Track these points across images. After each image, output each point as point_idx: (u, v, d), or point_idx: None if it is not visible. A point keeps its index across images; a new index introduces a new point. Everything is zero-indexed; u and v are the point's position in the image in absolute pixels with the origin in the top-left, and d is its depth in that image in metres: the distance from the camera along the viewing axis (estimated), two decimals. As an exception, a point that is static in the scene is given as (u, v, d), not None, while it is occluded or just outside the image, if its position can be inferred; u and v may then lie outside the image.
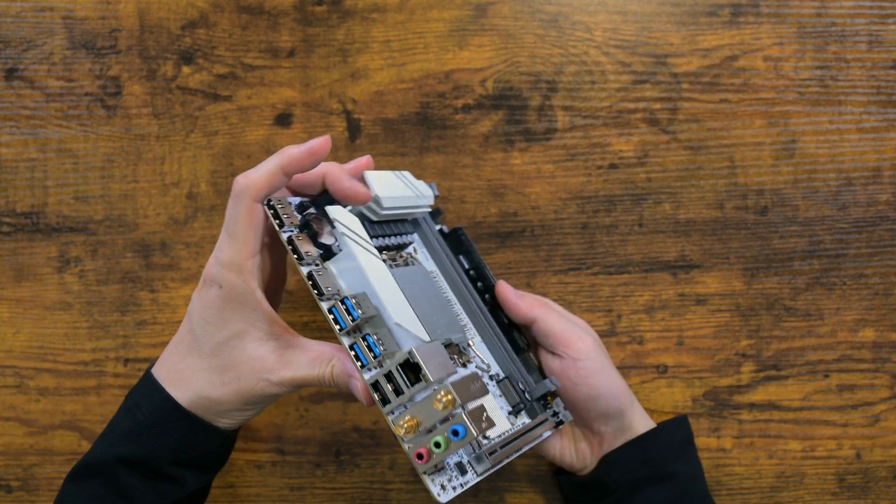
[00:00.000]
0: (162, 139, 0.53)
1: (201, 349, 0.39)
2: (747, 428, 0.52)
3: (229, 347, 0.39)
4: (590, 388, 0.44)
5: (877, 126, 0.52)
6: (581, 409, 0.45)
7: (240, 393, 0.39)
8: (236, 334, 0.38)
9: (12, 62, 0.53)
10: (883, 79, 0.52)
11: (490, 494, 0.52)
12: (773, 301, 0.52)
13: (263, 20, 0.53)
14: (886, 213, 0.52)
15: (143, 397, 0.41)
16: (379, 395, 0.36)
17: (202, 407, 0.40)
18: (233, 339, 0.39)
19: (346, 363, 0.38)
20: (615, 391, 0.45)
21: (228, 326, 0.38)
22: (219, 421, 0.41)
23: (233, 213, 0.37)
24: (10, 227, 0.53)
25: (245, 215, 0.37)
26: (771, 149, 0.52)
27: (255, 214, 0.37)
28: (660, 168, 0.52)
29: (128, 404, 0.42)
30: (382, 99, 0.53)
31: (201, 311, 0.39)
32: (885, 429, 0.52)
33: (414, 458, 0.35)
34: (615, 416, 0.45)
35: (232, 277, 0.37)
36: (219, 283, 0.38)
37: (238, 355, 0.39)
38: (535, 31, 0.52)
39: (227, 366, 0.39)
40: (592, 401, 0.44)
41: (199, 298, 0.39)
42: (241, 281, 0.37)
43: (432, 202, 0.45)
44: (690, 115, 0.52)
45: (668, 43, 0.52)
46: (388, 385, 0.35)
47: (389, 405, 0.35)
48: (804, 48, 0.52)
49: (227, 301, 0.38)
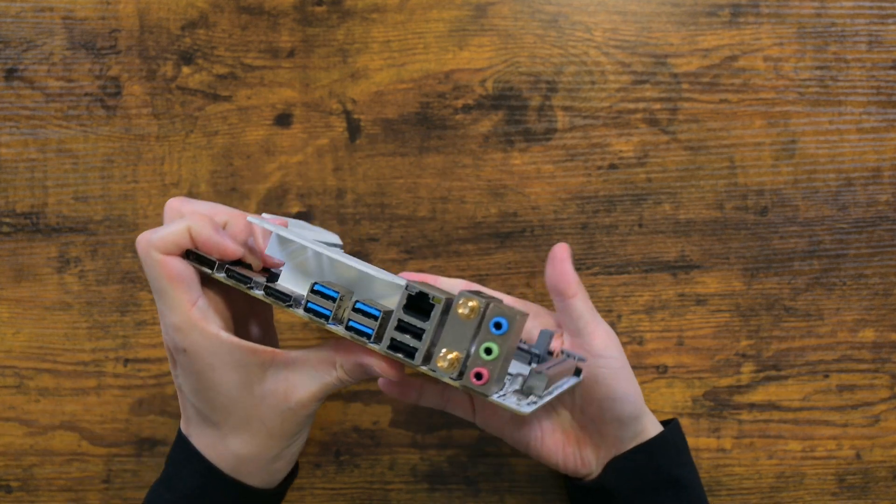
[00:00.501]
0: (162, 139, 0.53)
1: (212, 419, 0.37)
2: (747, 428, 0.52)
3: (235, 402, 0.36)
4: (609, 389, 0.41)
5: (877, 126, 0.52)
6: (595, 411, 0.42)
7: (273, 436, 0.37)
8: (234, 386, 0.36)
9: (12, 62, 0.53)
10: (883, 79, 0.52)
11: (490, 494, 0.52)
12: (773, 301, 0.52)
13: (263, 20, 0.53)
14: (886, 213, 0.52)
15: (181, 466, 0.38)
16: (402, 352, 0.32)
17: (247, 471, 0.37)
18: (233, 392, 0.36)
19: (350, 354, 0.36)
20: (633, 395, 0.42)
21: (223, 383, 0.35)
22: (272, 470, 0.38)
23: (150, 274, 0.35)
24: (9, 227, 0.53)
25: (159, 270, 0.35)
26: (771, 149, 0.52)
27: (169, 266, 0.35)
28: (660, 168, 0.52)
29: (167, 473, 0.39)
30: (382, 99, 0.53)
31: (189, 385, 0.36)
32: (885, 429, 0.52)
33: (473, 382, 0.31)
34: (630, 421, 0.42)
35: (189, 336, 0.35)
36: (182, 347, 0.35)
37: (248, 404, 0.36)
38: (535, 31, 0.52)
39: (245, 419, 0.36)
40: (609, 402, 0.41)
41: (180, 374, 0.37)
42: (200, 334, 0.35)
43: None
44: (690, 116, 0.52)
45: (668, 43, 0.52)
46: (405, 336, 0.32)
47: (418, 354, 0.32)
48: (804, 48, 0.52)
49: (203, 361, 0.35)
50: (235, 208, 0.40)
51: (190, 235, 0.35)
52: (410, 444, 0.53)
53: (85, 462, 0.52)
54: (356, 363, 0.36)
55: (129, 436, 0.52)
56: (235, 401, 0.36)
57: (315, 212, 0.53)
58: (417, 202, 0.53)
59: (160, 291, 0.35)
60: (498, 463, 0.52)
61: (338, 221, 0.52)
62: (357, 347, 0.36)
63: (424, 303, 0.32)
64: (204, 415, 0.37)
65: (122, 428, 0.52)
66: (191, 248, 0.35)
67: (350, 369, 0.36)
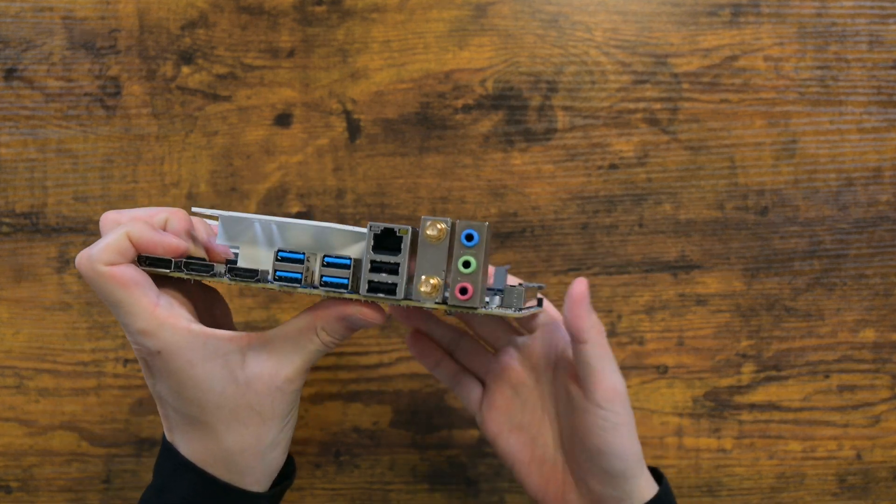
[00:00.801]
0: (161, 139, 0.53)
1: (201, 419, 0.35)
2: (747, 428, 0.52)
3: (221, 395, 0.34)
4: (602, 442, 0.38)
5: (877, 126, 0.52)
6: (582, 460, 0.40)
7: (266, 421, 0.35)
8: (217, 378, 0.34)
9: (12, 62, 0.53)
10: (883, 79, 0.52)
11: (490, 495, 0.52)
12: (773, 301, 0.52)
13: (263, 20, 0.53)
14: (887, 213, 0.52)
15: (171, 477, 0.36)
16: (382, 291, 0.32)
17: (244, 465, 0.36)
18: (217, 385, 0.34)
19: (328, 312, 0.34)
20: (626, 454, 0.38)
21: (205, 378, 0.34)
22: (269, 461, 0.37)
23: (101, 289, 0.33)
24: (9, 227, 0.53)
25: (109, 281, 0.33)
26: (771, 149, 0.52)
27: (119, 274, 0.33)
28: (660, 168, 0.52)
29: (156, 484, 0.37)
30: (382, 99, 0.53)
31: (169, 389, 0.35)
32: (886, 429, 0.52)
33: (459, 298, 0.32)
34: (617, 480, 0.39)
35: (160, 336, 0.33)
36: (156, 350, 0.34)
37: (235, 393, 0.35)
38: (535, 31, 0.52)
39: (234, 411, 0.35)
40: (598, 455, 0.39)
41: (157, 381, 0.35)
42: (171, 331, 0.33)
43: None
44: (690, 116, 0.52)
45: (668, 43, 0.52)
46: (381, 275, 0.32)
47: (399, 288, 0.32)
48: (804, 48, 0.52)
49: (180, 358, 0.34)
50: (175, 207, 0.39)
51: (130, 240, 0.34)
52: (410, 445, 0.53)
53: (85, 462, 0.52)
54: (336, 318, 0.34)
55: (129, 436, 0.52)
56: (221, 394, 0.34)
57: (315, 212, 0.52)
58: (417, 202, 0.53)
59: (118, 303, 0.33)
60: (498, 463, 0.52)
61: (338, 221, 0.52)
62: (333, 304, 0.35)
63: (391, 238, 0.32)
64: (190, 417, 0.35)
65: (122, 428, 0.52)
66: (134, 253, 0.34)
67: (332, 328, 0.35)
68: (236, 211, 0.52)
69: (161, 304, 0.34)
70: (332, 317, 0.34)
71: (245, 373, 0.35)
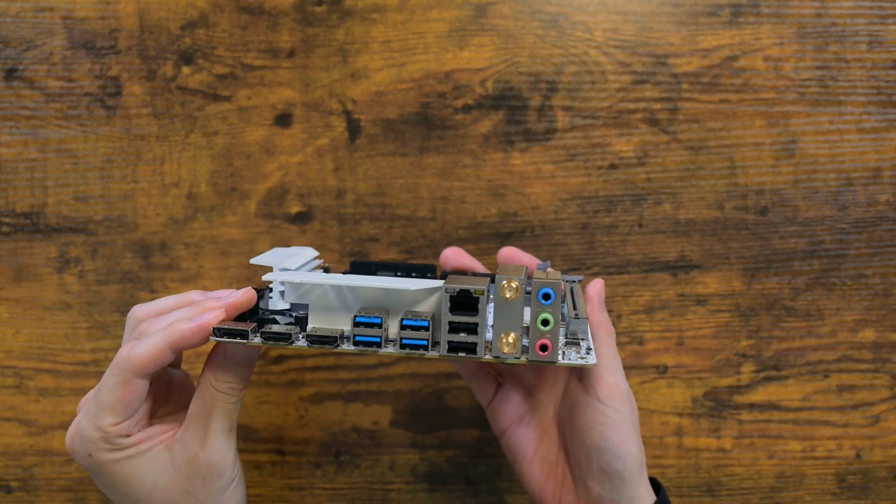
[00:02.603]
0: (162, 139, 0.53)
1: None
2: (747, 428, 0.52)
3: (154, 489, 0.36)
4: (601, 438, 0.38)
5: (877, 126, 0.52)
6: (581, 457, 0.40)
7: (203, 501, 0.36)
8: (146, 475, 0.36)
9: (12, 62, 0.53)
10: (883, 79, 0.52)
11: (490, 494, 0.52)
12: (773, 301, 0.52)
13: (263, 20, 0.53)
14: (886, 213, 0.52)
15: None
16: (463, 351, 0.33)
17: None
18: (149, 481, 0.36)
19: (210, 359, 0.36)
20: (625, 453, 0.38)
21: (133, 477, 0.36)
22: None
23: (109, 383, 0.35)
24: (9, 227, 0.53)
25: (120, 387, 0.34)
26: (771, 149, 0.52)
27: (131, 388, 0.35)
28: (660, 168, 0.52)
29: None
30: (382, 99, 0.53)
31: (102, 484, 0.36)
32: (886, 429, 0.52)
33: (540, 355, 0.33)
34: (615, 481, 0.38)
35: (97, 445, 0.35)
36: (87, 452, 0.35)
37: (167, 484, 0.36)
38: (535, 31, 0.52)
39: (170, 499, 0.36)
40: (597, 452, 0.38)
41: (94, 477, 0.36)
42: (108, 447, 0.35)
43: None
44: (690, 116, 0.52)
45: (668, 43, 0.52)
46: (460, 335, 0.33)
47: (479, 347, 0.33)
48: (804, 48, 0.52)
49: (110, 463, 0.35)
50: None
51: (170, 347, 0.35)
52: (410, 444, 0.53)
53: (85, 462, 0.52)
54: (213, 360, 0.36)
55: (129, 436, 0.52)
56: (152, 488, 0.36)
57: (315, 212, 0.53)
58: (417, 202, 0.53)
59: (103, 401, 0.35)
60: (498, 463, 0.52)
61: (338, 221, 0.52)
62: (213, 351, 0.36)
63: (467, 298, 0.32)
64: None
65: (122, 428, 0.52)
66: (169, 362, 0.35)
67: (217, 373, 0.35)
68: (235, 213, 0.52)
69: (119, 426, 0.35)
70: (213, 362, 0.35)
71: (174, 463, 0.36)
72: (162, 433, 0.37)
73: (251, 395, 0.53)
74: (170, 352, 0.34)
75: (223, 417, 0.36)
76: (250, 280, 0.52)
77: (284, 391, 0.53)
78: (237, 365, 0.36)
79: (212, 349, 0.36)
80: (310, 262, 0.41)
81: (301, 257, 0.40)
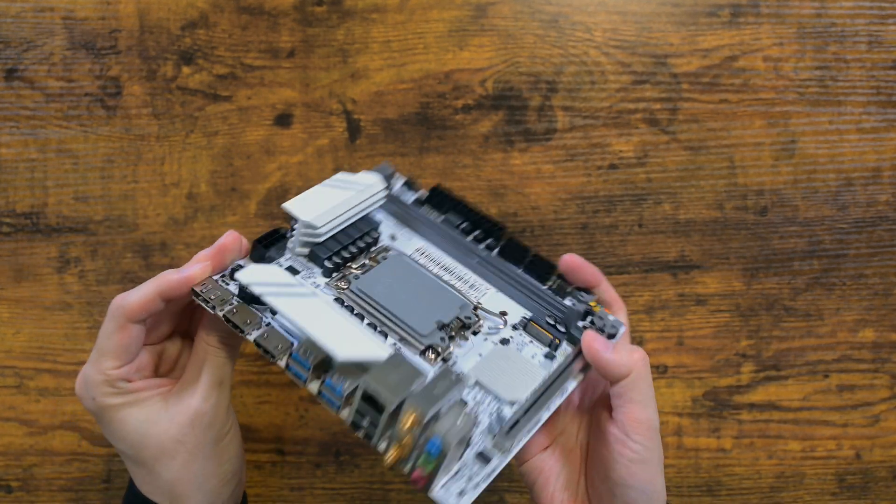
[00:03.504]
0: (162, 139, 0.53)
1: (138, 458, 0.38)
2: (747, 428, 0.52)
3: (146, 436, 0.37)
4: (627, 474, 0.37)
5: (876, 126, 0.52)
6: (604, 490, 0.39)
7: (192, 450, 0.37)
8: (140, 422, 0.37)
9: (12, 62, 0.53)
10: (882, 79, 0.52)
11: (490, 494, 0.52)
12: (772, 301, 0.52)
13: (263, 20, 0.53)
14: (886, 213, 0.52)
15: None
16: (362, 431, 0.34)
17: (180, 498, 0.38)
18: (141, 428, 0.37)
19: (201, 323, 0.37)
20: (650, 491, 0.37)
21: (128, 423, 0.37)
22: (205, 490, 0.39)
23: (104, 329, 0.37)
24: (10, 227, 0.53)
25: (116, 332, 0.36)
26: (771, 149, 0.52)
27: (127, 333, 0.37)
28: (660, 168, 0.52)
29: None
30: (382, 99, 0.53)
31: (107, 433, 0.38)
32: (885, 429, 0.52)
33: (413, 484, 0.33)
34: None
35: (99, 388, 0.37)
36: (91, 395, 0.37)
37: (159, 432, 0.37)
38: (535, 31, 0.52)
39: (162, 447, 0.37)
40: (622, 488, 0.37)
41: (102, 428, 0.38)
42: (110, 390, 0.37)
43: (382, 187, 0.42)
44: (690, 116, 0.52)
45: (668, 43, 0.52)
46: (364, 420, 0.34)
47: (375, 438, 0.34)
48: (804, 48, 0.52)
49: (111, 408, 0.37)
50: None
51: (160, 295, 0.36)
52: (410, 444, 0.53)
53: (85, 462, 0.52)
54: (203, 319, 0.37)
55: (130, 436, 0.52)
56: (144, 434, 0.37)
57: (315, 212, 0.53)
58: (417, 202, 0.53)
59: (102, 348, 0.37)
60: (498, 463, 0.52)
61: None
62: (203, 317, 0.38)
63: (375, 402, 0.33)
64: (129, 456, 0.38)
65: (123, 428, 0.52)
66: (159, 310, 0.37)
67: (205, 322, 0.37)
68: (235, 212, 0.52)
69: (121, 370, 0.37)
70: (203, 319, 0.37)
71: (168, 412, 0.37)
72: (161, 385, 0.38)
73: (251, 395, 0.53)
74: (159, 299, 0.36)
75: (213, 370, 0.38)
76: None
77: (284, 391, 0.53)
78: (222, 323, 0.37)
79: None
80: (358, 205, 0.41)
81: (341, 205, 0.40)
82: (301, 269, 0.40)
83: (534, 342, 0.39)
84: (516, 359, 0.38)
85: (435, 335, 0.38)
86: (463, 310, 0.39)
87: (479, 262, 0.41)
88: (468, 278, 0.42)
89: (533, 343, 0.39)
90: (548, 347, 0.39)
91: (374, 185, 0.41)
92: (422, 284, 0.40)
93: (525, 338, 0.39)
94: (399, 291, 0.39)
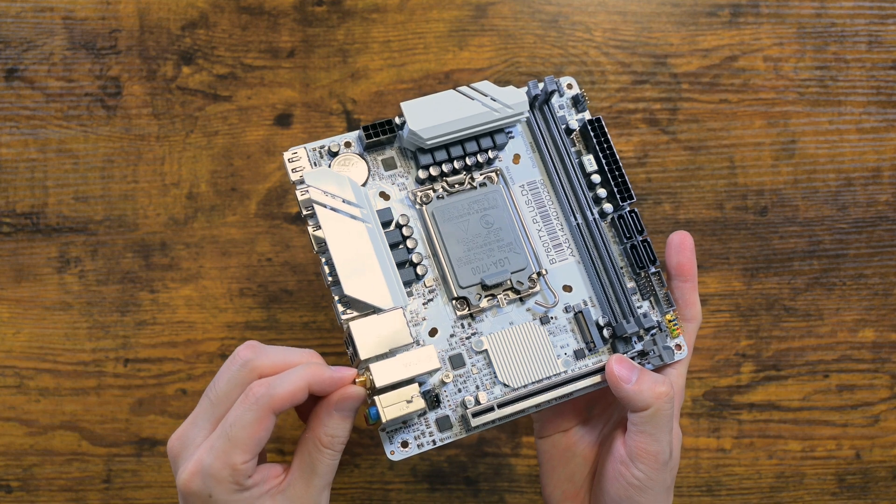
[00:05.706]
0: (162, 139, 0.53)
1: None
2: (747, 428, 0.52)
3: None
4: (625, 496, 0.37)
5: (876, 126, 0.52)
6: (602, 501, 0.38)
7: None
8: None
9: (12, 62, 0.53)
10: (882, 79, 0.52)
11: (490, 494, 0.52)
12: (772, 301, 0.52)
13: (263, 20, 0.53)
14: (886, 213, 0.53)
15: None
16: (349, 350, 0.35)
17: None
18: None
19: (319, 415, 0.35)
20: None
21: None
22: None
23: (242, 418, 0.34)
24: (10, 227, 0.53)
25: (255, 423, 0.33)
26: (771, 149, 0.53)
27: (265, 424, 0.34)
28: (660, 168, 0.53)
29: None
30: (382, 99, 0.53)
31: None
32: (885, 429, 0.52)
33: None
34: None
35: (224, 486, 0.34)
36: (208, 492, 0.34)
37: None
38: (535, 31, 0.52)
39: None
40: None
41: None
42: (235, 488, 0.34)
43: (520, 112, 0.38)
44: (690, 116, 0.52)
45: (668, 43, 0.52)
46: (349, 348, 0.35)
47: (353, 361, 0.35)
48: (804, 48, 0.52)
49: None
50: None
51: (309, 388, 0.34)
52: (410, 444, 0.53)
53: (85, 462, 0.52)
54: (326, 414, 0.35)
55: (129, 436, 0.52)
56: None
57: (315, 212, 0.53)
58: (417, 202, 0.53)
59: (234, 437, 0.34)
60: (498, 463, 0.52)
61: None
62: (321, 408, 0.36)
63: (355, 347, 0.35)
64: None
65: (122, 428, 0.52)
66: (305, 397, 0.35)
67: (329, 426, 0.35)
68: (235, 212, 0.52)
69: (249, 463, 0.34)
70: (319, 416, 0.35)
71: None
72: (272, 477, 0.36)
73: (251, 395, 0.53)
74: (306, 392, 0.34)
75: (326, 473, 0.36)
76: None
77: (284, 391, 0.53)
78: (345, 418, 0.35)
79: (319, 403, 0.36)
80: (481, 124, 0.38)
81: (460, 121, 0.37)
82: (399, 164, 0.38)
83: (574, 333, 0.37)
84: (541, 344, 0.37)
85: (472, 290, 0.36)
86: (519, 274, 0.37)
87: (580, 224, 0.38)
88: (558, 237, 0.39)
89: (572, 334, 0.37)
90: (584, 345, 0.37)
91: (514, 106, 0.37)
92: (497, 230, 0.37)
93: (567, 324, 0.37)
94: (468, 232, 0.37)
